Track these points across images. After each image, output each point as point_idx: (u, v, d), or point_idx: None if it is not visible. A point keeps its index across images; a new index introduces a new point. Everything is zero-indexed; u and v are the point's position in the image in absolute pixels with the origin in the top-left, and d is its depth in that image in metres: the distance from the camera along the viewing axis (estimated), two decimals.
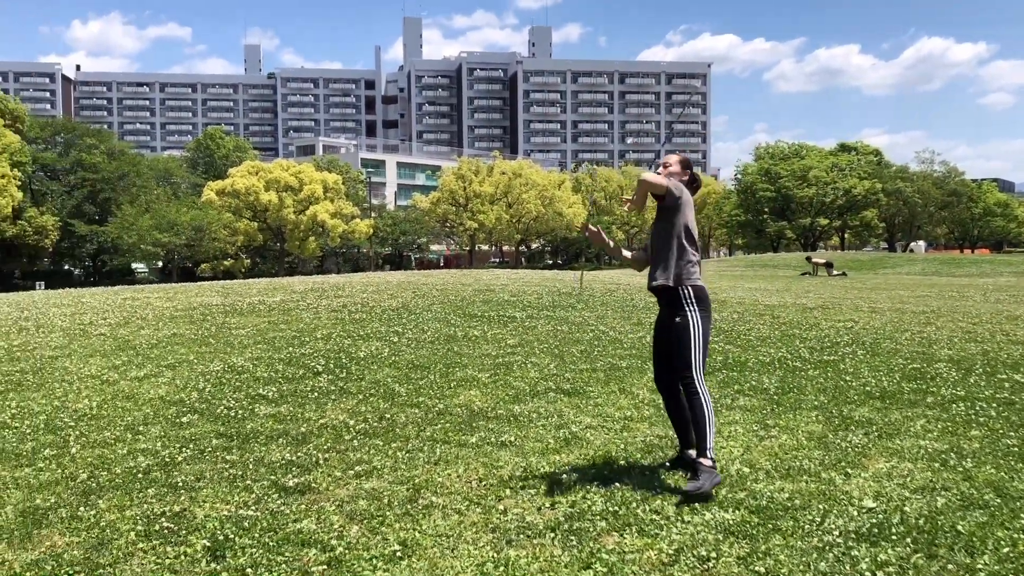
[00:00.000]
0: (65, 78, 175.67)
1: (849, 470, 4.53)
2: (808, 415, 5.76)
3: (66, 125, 63.37)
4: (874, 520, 3.79)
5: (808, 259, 32.13)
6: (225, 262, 54.80)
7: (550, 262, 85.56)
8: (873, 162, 77.01)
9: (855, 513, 3.89)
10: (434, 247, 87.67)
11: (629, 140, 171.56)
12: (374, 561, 3.55)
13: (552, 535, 3.75)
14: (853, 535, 3.63)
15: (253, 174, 57.07)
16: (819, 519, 3.82)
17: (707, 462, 4.23)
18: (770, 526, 3.76)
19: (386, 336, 9.54)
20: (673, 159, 4.70)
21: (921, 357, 8.16)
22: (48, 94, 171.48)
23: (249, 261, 59.13)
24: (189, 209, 52.27)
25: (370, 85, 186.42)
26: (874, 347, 8.78)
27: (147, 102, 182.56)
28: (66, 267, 62.19)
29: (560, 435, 5.38)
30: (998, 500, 4.05)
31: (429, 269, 70.52)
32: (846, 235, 78.39)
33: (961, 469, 4.55)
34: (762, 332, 9.97)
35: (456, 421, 5.80)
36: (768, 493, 4.20)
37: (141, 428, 5.86)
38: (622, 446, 5.12)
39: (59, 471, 4.93)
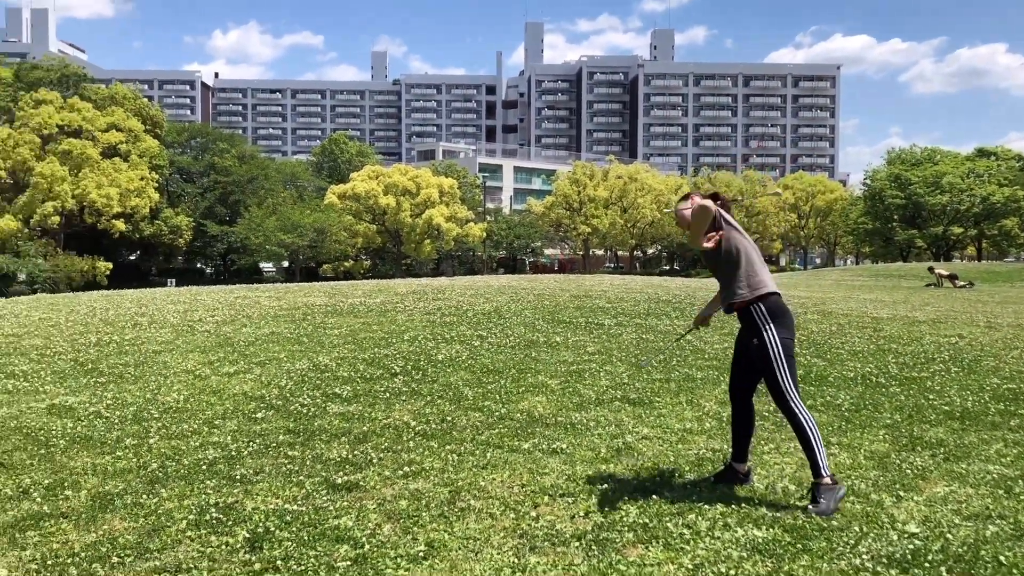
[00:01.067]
0: (204, 85, 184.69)
1: (902, 493, 4.36)
2: (876, 434, 5.56)
3: (201, 130, 66.87)
4: (912, 546, 3.64)
5: (930, 269, 30.67)
6: (345, 263, 56.61)
7: (666, 268, 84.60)
8: (1015, 168, 72.75)
9: (895, 538, 3.75)
10: (548, 251, 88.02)
11: (752, 144, 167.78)
12: (398, 560, 3.66)
13: (577, 544, 3.77)
14: (885, 560, 3.50)
15: (373, 178, 58.75)
16: (854, 542, 3.70)
17: (826, 480, 4.15)
18: (800, 546, 3.67)
19: (470, 340, 9.69)
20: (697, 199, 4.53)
21: (1022, 377, 7.71)
22: (188, 100, 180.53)
23: (369, 262, 60.85)
24: (312, 212, 54.30)
25: (491, 90, 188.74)
26: (972, 365, 8.35)
27: (279, 108, 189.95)
28: (199, 265, 65.48)
29: (613, 445, 5.37)
30: None
31: (542, 273, 70.85)
32: (983, 245, 74.33)
33: None
34: (856, 346, 9.62)
35: (514, 427, 5.86)
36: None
37: (218, 422, 6.17)
38: (672, 458, 5.07)
39: (135, 460, 5.26)
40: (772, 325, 4.34)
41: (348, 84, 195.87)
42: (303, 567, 3.61)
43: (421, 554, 3.70)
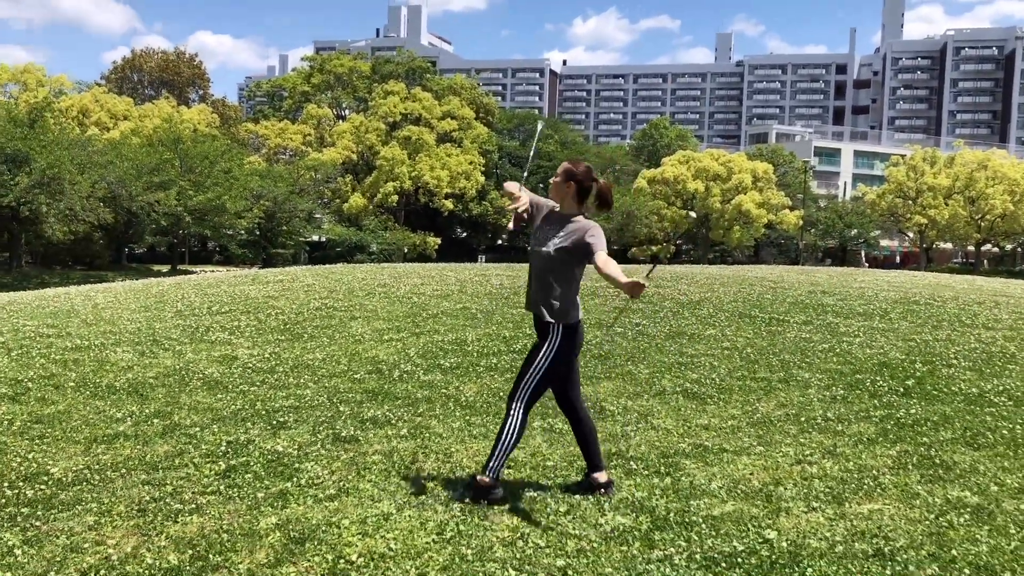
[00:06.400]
0: (552, 72, 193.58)
1: (819, 505, 4.26)
2: (891, 449, 5.24)
3: (528, 117, 71.00)
4: (742, 547, 3.68)
5: None
6: (653, 247, 57.39)
7: None
8: None
9: (748, 539, 3.78)
10: (885, 243, 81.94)
11: None
12: (306, 499, 4.37)
13: (457, 507, 4.22)
14: (698, 557, 3.60)
15: (683, 163, 58.77)
16: (695, 539, 3.80)
17: (485, 480, 4.26)
18: (635, 535, 3.85)
19: (619, 325, 10.00)
20: (559, 177, 4.42)
21: None
22: (537, 88, 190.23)
23: (675, 247, 61.08)
24: (621, 196, 55.63)
25: (841, 69, 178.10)
26: None
27: (621, 93, 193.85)
28: (523, 244, 69.68)
29: (607, 430, 5.61)
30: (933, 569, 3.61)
31: (878, 267, 66.19)
32: None
33: (963, 526, 4.01)
34: None
35: (549, 407, 6.25)
36: (702, 509, 4.19)
37: (324, 379, 7.23)
38: (648, 449, 5.24)
39: (227, 402, 6.44)
40: (562, 342, 4.35)
41: (689, 67, 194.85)
42: (236, 493, 4.46)
43: (326, 496, 4.39)
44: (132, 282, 17.78)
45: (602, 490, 4.41)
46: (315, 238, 55.74)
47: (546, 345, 4.36)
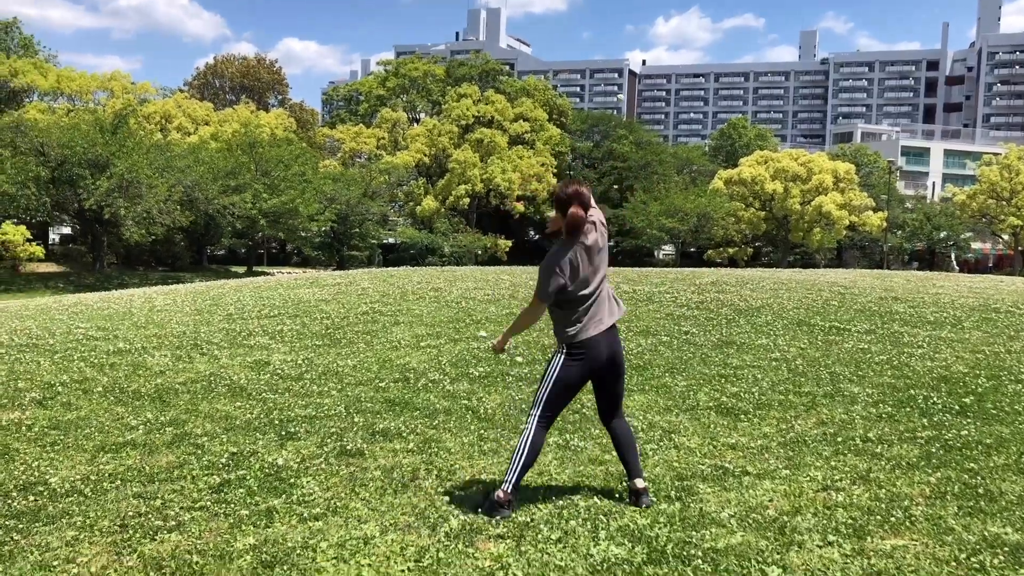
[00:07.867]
0: (631, 72, 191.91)
1: (837, 538, 3.89)
2: (932, 474, 4.81)
3: (602, 117, 70.37)
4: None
5: None
6: (729, 249, 56.19)
7: None
8: None
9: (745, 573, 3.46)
10: (977, 245, 78.66)
11: None
12: (291, 517, 4.21)
13: (444, 530, 4.00)
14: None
15: (761, 164, 57.36)
16: (689, 575, 3.49)
17: (500, 495, 4.21)
18: (625, 569, 3.56)
19: (669, 334, 9.64)
20: (555, 217, 4.39)
21: None
22: (616, 88, 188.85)
23: (751, 249, 59.62)
24: (696, 197, 54.71)
25: (932, 66, 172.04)
26: None
27: (702, 92, 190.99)
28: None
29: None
30: None
31: (970, 272, 63.50)
32: None
33: (996, 568, 3.60)
34: None
35: (572, 420, 5.98)
36: (706, 541, 3.87)
37: (349, 387, 7.08)
38: (658, 470, 4.92)
39: (243, 410, 6.34)
40: (566, 353, 4.41)
41: (772, 66, 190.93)
42: (223, 510, 4.31)
43: (312, 515, 4.21)
44: (196, 284, 18.10)
45: (634, 497, 4.38)
46: (389, 240, 56.29)
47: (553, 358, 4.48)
